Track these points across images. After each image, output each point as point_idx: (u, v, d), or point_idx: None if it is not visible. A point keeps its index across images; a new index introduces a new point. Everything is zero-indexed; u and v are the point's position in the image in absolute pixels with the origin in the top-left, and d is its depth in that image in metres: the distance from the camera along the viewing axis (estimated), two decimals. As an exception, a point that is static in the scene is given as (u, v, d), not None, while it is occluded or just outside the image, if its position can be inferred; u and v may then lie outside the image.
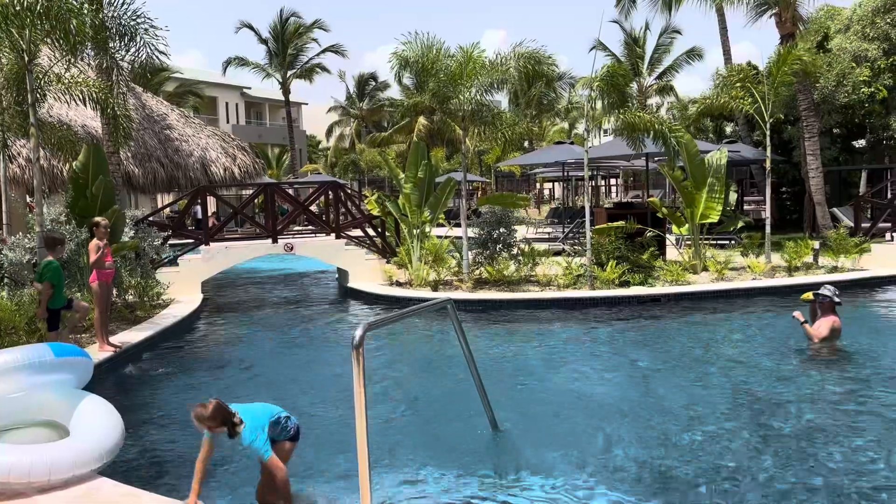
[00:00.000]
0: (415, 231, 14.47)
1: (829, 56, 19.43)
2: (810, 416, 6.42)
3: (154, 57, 10.88)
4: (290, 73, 41.55)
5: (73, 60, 10.42)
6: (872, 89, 19.41)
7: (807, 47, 14.91)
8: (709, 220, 14.72)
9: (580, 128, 42.20)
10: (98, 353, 8.48)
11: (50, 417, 5.29)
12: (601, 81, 13.01)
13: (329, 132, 55.41)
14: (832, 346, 8.50)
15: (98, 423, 5.06)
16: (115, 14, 10.59)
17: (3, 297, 9.80)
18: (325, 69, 43.32)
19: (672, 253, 15.59)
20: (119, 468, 5.16)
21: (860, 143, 22.74)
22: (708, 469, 5.26)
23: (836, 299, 8.57)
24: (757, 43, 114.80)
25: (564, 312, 11.64)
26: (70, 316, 8.75)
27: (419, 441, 6.11)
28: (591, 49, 37.61)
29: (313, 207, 17.54)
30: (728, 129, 25.78)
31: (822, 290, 8.71)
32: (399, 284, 13.89)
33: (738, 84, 15.31)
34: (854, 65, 19.47)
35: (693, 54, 38.80)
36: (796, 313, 8.71)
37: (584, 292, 12.41)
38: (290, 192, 19.00)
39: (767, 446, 5.67)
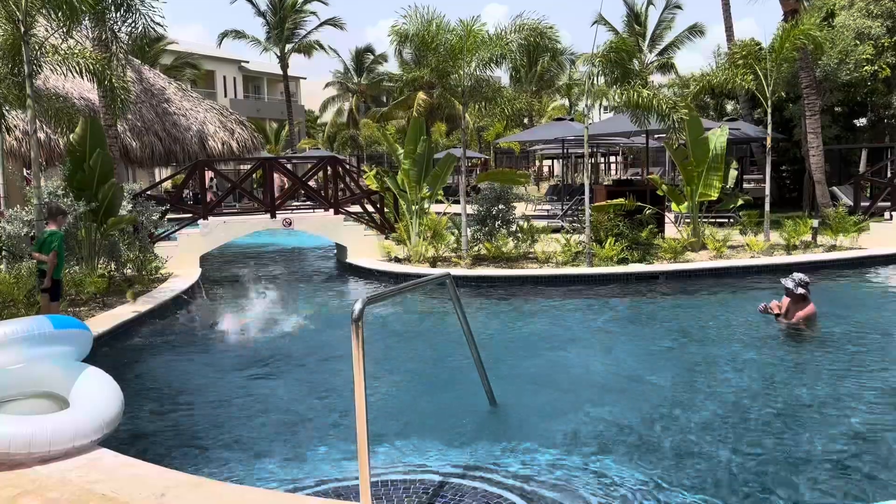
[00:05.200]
0: (413, 207, 14.44)
1: (832, 33, 19.27)
2: (805, 389, 6.46)
3: (150, 28, 10.77)
4: (288, 46, 41.15)
5: (69, 31, 10.30)
6: (875, 67, 19.27)
7: (814, 21, 14.73)
8: (708, 198, 14.71)
9: (581, 105, 42.00)
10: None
11: (50, 389, 5.31)
12: (603, 57, 12.89)
13: (324, 107, 54.98)
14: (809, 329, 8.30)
15: (98, 395, 5.08)
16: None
17: (2, 269, 9.81)
18: (322, 46, 42.91)
19: (671, 231, 15.58)
20: (119, 439, 5.19)
21: (861, 122, 22.64)
22: (704, 442, 5.30)
23: (800, 290, 8.17)
24: (759, 19, 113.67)
25: (562, 289, 11.65)
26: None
27: (417, 415, 6.15)
28: (593, 24, 37.26)
29: (312, 183, 17.49)
30: (729, 107, 25.66)
31: (786, 282, 8.27)
32: (398, 260, 13.90)
33: (741, 61, 15.19)
34: (857, 42, 19.31)
35: (695, 31, 38.48)
36: (761, 307, 8.50)
37: (583, 269, 12.42)
38: (289, 167, 18.93)
39: (771, 425, 5.72)
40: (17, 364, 5.21)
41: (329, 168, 15.92)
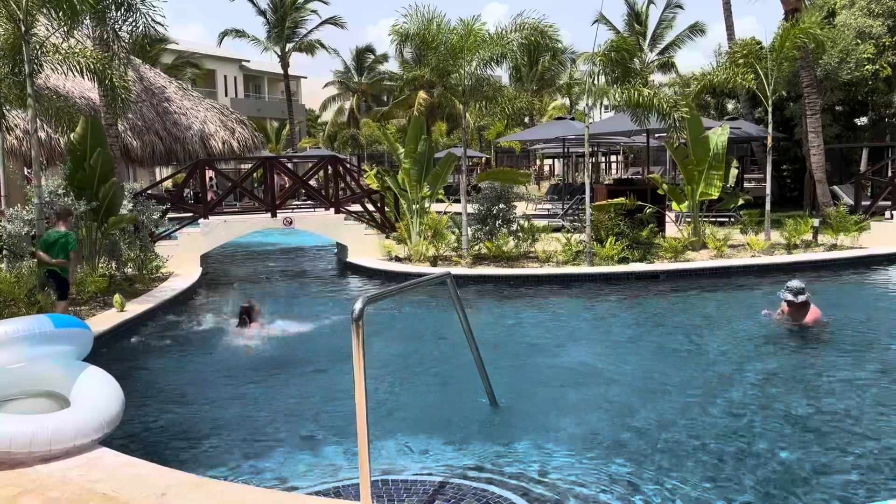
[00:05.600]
0: (414, 206, 14.45)
1: (832, 32, 19.23)
2: (804, 387, 6.46)
3: (150, 28, 10.77)
4: (288, 46, 41.13)
5: (70, 30, 10.31)
6: (876, 66, 19.24)
7: (815, 20, 14.71)
8: (709, 198, 14.70)
9: (581, 104, 41.99)
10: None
11: (50, 388, 5.31)
12: (604, 56, 12.89)
13: (325, 107, 54.92)
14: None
15: (98, 394, 5.08)
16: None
17: (3, 269, 9.81)
18: (323, 45, 42.91)
19: (672, 230, 15.58)
20: (119, 438, 5.19)
21: (862, 121, 22.61)
22: (705, 443, 5.30)
23: (801, 298, 8.05)
24: (760, 18, 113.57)
25: (563, 289, 11.66)
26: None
27: (417, 415, 6.15)
28: (594, 23, 37.25)
29: (312, 182, 17.50)
30: (730, 106, 25.63)
31: (785, 295, 8.16)
32: (398, 260, 13.90)
33: (741, 60, 15.17)
34: (858, 41, 19.28)
35: (695, 30, 38.46)
36: (764, 313, 8.49)
37: (583, 269, 12.42)
38: (290, 166, 18.93)
39: (768, 421, 5.72)
40: (18, 363, 5.21)
41: (330, 167, 15.92)
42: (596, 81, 13.24)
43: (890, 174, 19.16)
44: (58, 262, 8.51)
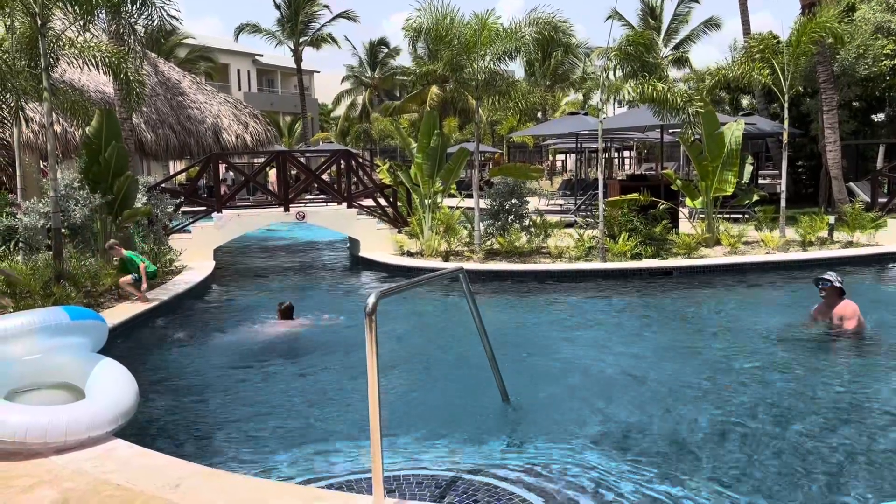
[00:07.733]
0: (426, 201, 14.44)
1: (850, 27, 18.99)
2: (816, 386, 6.41)
3: (166, 22, 10.80)
4: (301, 40, 41.20)
5: (86, 25, 10.37)
6: (895, 62, 19.00)
7: (833, 14, 14.51)
8: (723, 194, 14.60)
9: (595, 99, 41.67)
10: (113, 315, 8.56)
11: (66, 380, 5.36)
12: (619, 51, 12.81)
13: (337, 101, 54.95)
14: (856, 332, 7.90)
15: (113, 386, 5.13)
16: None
17: (19, 261, 9.90)
18: (334, 39, 42.96)
19: (685, 226, 15.49)
20: (133, 429, 5.23)
21: (879, 117, 22.35)
22: (716, 441, 5.27)
23: (837, 284, 7.90)
24: (776, 13, 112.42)
25: (576, 284, 11.62)
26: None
27: (429, 410, 6.15)
28: (608, 19, 37.03)
29: (325, 176, 17.53)
30: (745, 102, 25.41)
31: (826, 275, 8.03)
32: (410, 254, 13.90)
33: (757, 55, 15.03)
34: (877, 36, 19.03)
35: (710, 24, 38.19)
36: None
37: (596, 264, 12.37)
38: (302, 160, 18.97)
39: (777, 422, 5.68)
40: (34, 355, 5.26)
41: (342, 162, 15.95)
42: (610, 76, 13.16)
43: (907, 171, 18.90)
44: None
